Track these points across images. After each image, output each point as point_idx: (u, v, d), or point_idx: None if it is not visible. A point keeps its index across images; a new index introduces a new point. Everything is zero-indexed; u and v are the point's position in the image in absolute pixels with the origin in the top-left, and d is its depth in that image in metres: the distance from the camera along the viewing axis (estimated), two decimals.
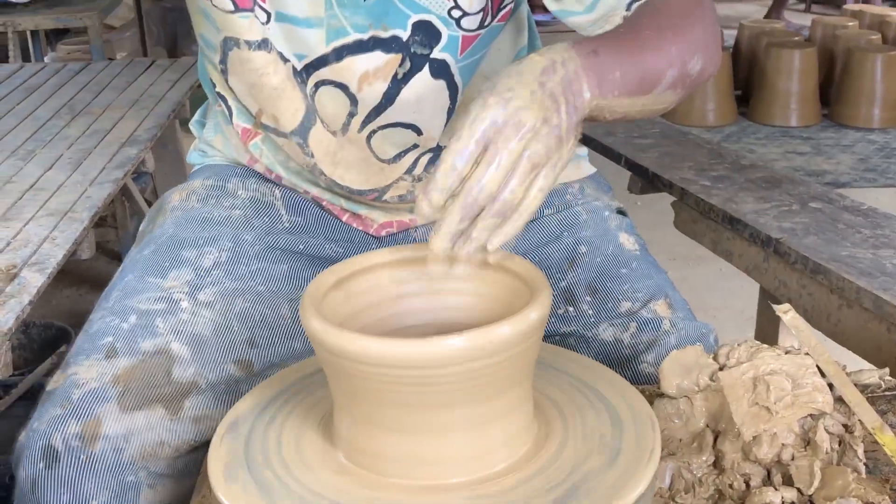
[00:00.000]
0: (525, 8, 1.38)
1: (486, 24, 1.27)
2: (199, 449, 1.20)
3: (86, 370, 1.20)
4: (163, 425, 1.17)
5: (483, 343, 0.83)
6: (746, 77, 2.77)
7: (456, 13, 1.25)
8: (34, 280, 1.70)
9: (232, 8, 1.25)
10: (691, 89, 1.14)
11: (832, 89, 2.63)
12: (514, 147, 0.88)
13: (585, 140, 2.06)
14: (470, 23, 1.26)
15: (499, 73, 0.94)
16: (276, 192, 1.43)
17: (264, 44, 1.27)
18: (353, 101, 1.29)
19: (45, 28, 4.92)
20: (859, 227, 1.71)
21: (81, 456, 1.14)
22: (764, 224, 1.74)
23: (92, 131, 2.63)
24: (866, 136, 2.45)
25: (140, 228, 1.49)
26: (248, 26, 1.26)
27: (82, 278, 3.54)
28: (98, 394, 1.17)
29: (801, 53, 2.52)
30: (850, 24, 2.90)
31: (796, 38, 2.74)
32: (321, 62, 1.27)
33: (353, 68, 1.27)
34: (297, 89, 1.30)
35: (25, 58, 5.00)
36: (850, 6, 3.35)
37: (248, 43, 1.28)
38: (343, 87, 1.29)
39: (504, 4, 1.28)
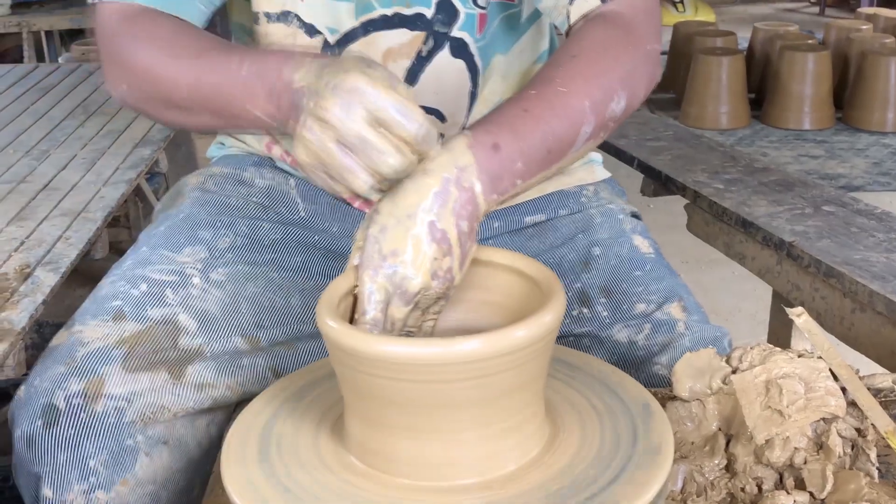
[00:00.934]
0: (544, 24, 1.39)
1: (488, 1, 1.29)
2: (198, 423, 1.21)
3: (91, 330, 1.20)
4: (165, 388, 1.17)
5: (499, 346, 0.83)
6: (760, 80, 2.77)
7: None
8: (48, 280, 1.70)
9: None
10: (619, 124, 1.11)
11: (846, 93, 2.62)
12: (401, 315, 0.93)
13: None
14: None
15: (388, 204, 0.93)
16: (291, 181, 1.44)
17: (284, 16, 1.29)
18: None
19: (59, 28, 4.95)
20: (873, 231, 1.70)
21: (82, 414, 1.13)
22: (777, 227, 1.74)
23: (106, 131, 2.64)
24: (880, 140, 2.44)
25: (156, 210, 1.50)
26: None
27: (95, 278, 3.51)
28: (103, 353, 1.17)
29: (815, 56, 2.52)
30: (864, 27, 2.90)
31: (810, 41, 2.73)
32: (351, 37, 1.29)
33: (378, 44, 1.28)
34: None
35: (40, 58, 5.02)
36: (864, 9, 3.34)
37: (268, 15, 1.29)
38: None
39: None
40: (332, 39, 1.29)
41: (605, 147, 2.24)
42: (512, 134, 0.97)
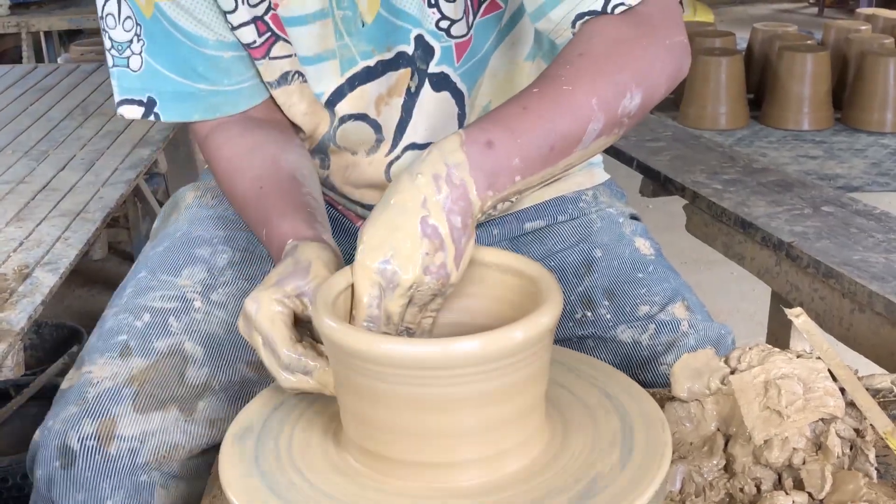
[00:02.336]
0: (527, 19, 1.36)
1: (471, 23, 1.26)
2: (211, 450, 1.21)
3: (100, 368, 1.20)
4: (177, 427, 1.18)
5: (497, 346, 0.83)
6: (759, 80, 2.77)
7: (444, 24, 1.24)
8: (46, 280, 1.71)
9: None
10: (638, 120, 1.08)
11: (845, 93, 2.63)
12: (397, 308, 0.93)
13: None
14: (459, 29, 1.25)
15: (388, 201, 0.94)
16: None
17: (284, 78, 1.30)
18: (377, 127, 1.30)
19: (58, 29, 4.96)
20: (872, 232, 1.70)
21: (97, 456, 1.14)
22: (776, 228, 1.74)
23: (105, 132, 2.64)
24: (879, 140, 2.45)
25: (154, 226, 1.50)
26: (265, 70, 1.29)
27: (94, 278, 3.55)
28: (113, 393, 1.18)
29: (814, 57, 2.52)
30: (863, 27, 2.90)
31: (809, 42, 2.73)
32: (338, 95, 1.28)
33: (367, 95, 1.28)
34: (324, 111, 1.31)
35: (39, 59, 5.02)
36: (863, 10, 3.34)
37: (270, 84, 1.31)
38: (363, 118, 1.30)
39: None
40: (322, 102, 1.30)
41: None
42: (508, 131, 0.97)
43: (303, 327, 1.01)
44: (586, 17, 1.09)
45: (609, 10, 1.08)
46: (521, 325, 0.85)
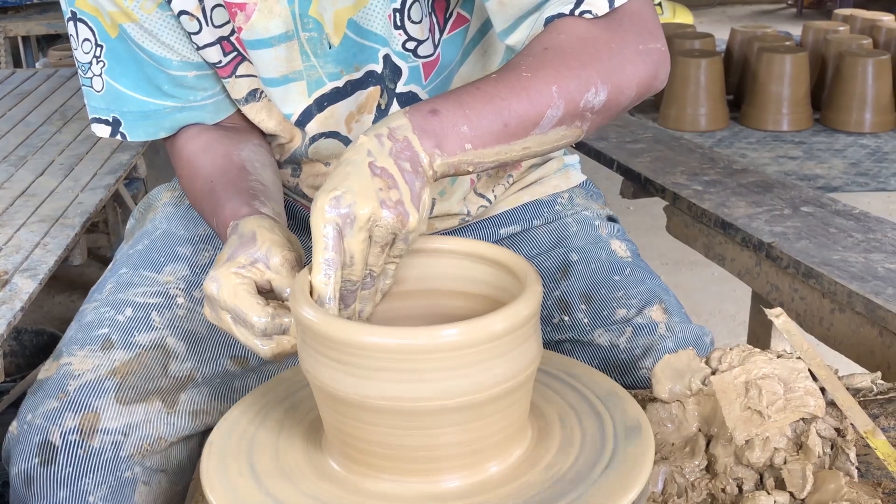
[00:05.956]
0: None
1: (438, 41, 1.26)
2: (192, 444, 1.20)
3: (80, 360, 1.19)
4: (160, 419, 1.17)
5: (477, 334, 0.83)
6: (738, 82, 2.78)
7: (411, 45, 1.24)
8: (26, 286, 1.70)
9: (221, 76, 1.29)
10: (605, 119, 1.08)
11: (823, 94, 2.64)
12: (358, 245, 0.92)
13: (577, 145, 2.05)
14: (426, 49, 1.25)
15: (338, 162, 0.95)
16: None
17: (252, 95, 1.30)
18: (348, 143, 1.30)
19: (36, 34, 4.93)
20: (851, 232, 1.71)
21: (79, 451, 1.13)
22: (756, 228, 1.74)
23: (84, 137, 2.63)
24: (858, 141, 2.46)
25: (128, 226, 1.49)
26: (232, 88, 1.30)
27: (74, 284, 3.53)
28: (95, 386, 1.16)
29: (793, 58, 2.54)
30: (841, 28, 2.92)
31: (788, 43, 2.75)
32: (307, 116, 1.28)
33: (337, 115, 1.28)
34: (294, 127, 1.31)
35: (17, 63, 5.00)
36: (840, 11, 3.36)
37: (238, 100, 1.31)
38: (334, 135, 1.30)
39: (449, 13, 1.26)
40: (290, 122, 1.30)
41: (585, 150, 2.25)
42: (456, 103, 0.98)
43: (265, 296, 1.01)
44: (554, 20, 1.10)
45: (576, 15, 1.08)
46: (501, 314, 0.84)
